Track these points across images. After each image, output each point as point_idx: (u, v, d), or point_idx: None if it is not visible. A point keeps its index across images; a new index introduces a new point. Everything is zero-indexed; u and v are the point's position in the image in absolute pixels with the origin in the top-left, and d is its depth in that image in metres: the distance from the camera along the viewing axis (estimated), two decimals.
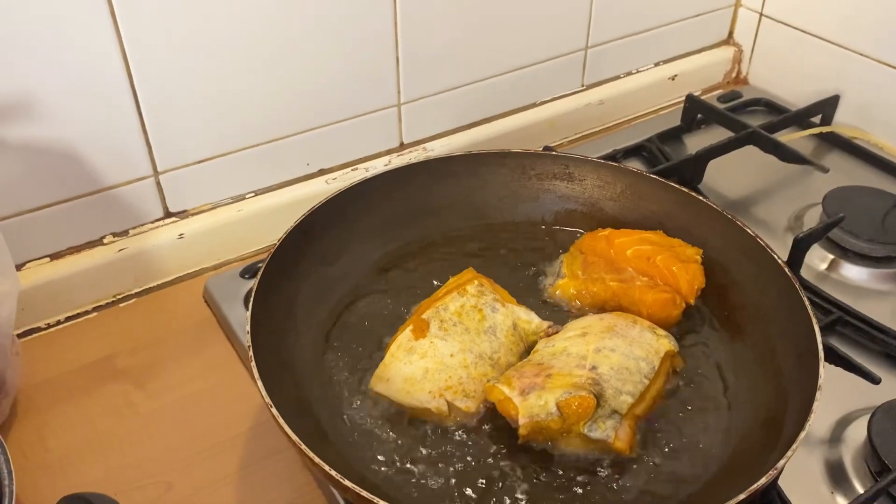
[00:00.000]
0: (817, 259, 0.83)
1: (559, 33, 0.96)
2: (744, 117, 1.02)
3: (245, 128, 0.80)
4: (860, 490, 0.61)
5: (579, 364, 0.58)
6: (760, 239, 0.67)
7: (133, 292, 0.80)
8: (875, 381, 0.65)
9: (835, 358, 0.68)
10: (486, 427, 0.59)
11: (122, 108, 0.72)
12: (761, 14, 1.09)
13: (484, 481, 0.56)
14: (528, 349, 0.63)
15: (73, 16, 0.66)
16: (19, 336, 0.74)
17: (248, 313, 0.58)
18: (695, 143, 1.02)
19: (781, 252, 0.79)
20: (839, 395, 0.66)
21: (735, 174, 0.95)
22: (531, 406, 0.56)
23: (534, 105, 0.99)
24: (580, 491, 0.56)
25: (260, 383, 0.53)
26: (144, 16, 0.68)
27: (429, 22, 0.84)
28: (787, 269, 0.64)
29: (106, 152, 0.73)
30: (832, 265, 0.83)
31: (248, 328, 0.57)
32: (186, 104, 0.75)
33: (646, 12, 1.02)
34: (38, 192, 0.72)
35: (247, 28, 0.74)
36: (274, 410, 0.51)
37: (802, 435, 0.51)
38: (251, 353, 0.55)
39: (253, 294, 0.60)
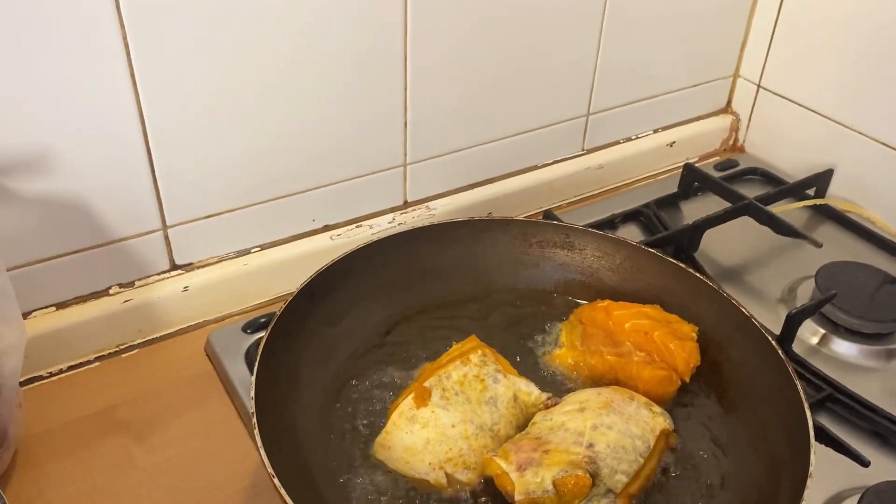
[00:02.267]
0: (809, 333, 0.85)
1: (562, 99, 0.98)
2: (739, 187, 1.04)
3: (254, 184, 0.81)
4: None
5: (576, 441, 0.59)
6: (755, 319, 0.69)
7: (136, 343, 0.81)
8: (864, 464, 0.67)
9: (825, 438, 0.69)
10: (484, 499, 0.60)
11: (135, 164, 0.73)
12: (759, 86, 1.12)
13: None
14: (528, 420, 0.64)
15: (91, 70, 0.67)
16: (21, 384, 0.74)
17: (253, 379, 0.59)
18: (691, 210, 1.04)
19: (774, 324, 0.81)
20: (829, 474, 0.67)
21: (730, 243, 0.97)
22: (528, 483, 0.57)
23: (535, 167, 1.02)
24: None
25: (263, 452, 0.53)
26: (162, 72, 0.70)
27: (437, 86, 0.87)
28: (780, 352, 0.65)
29: (117, 206, 0.75)
30: (823, 340, 0.84)
31: (252, 394, 0.58)
32: (198, 160, 0.77)
33: (647, 81, 1.05)
34: (48, 243, 0.73)
35: (261, 88, 0.76)
36: (276, 481, 0.52)
37: None
38: (255, 420, 0.56)
39: (258, 360, 0.61)
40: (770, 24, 1.08)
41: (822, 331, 0.85)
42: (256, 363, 0.60)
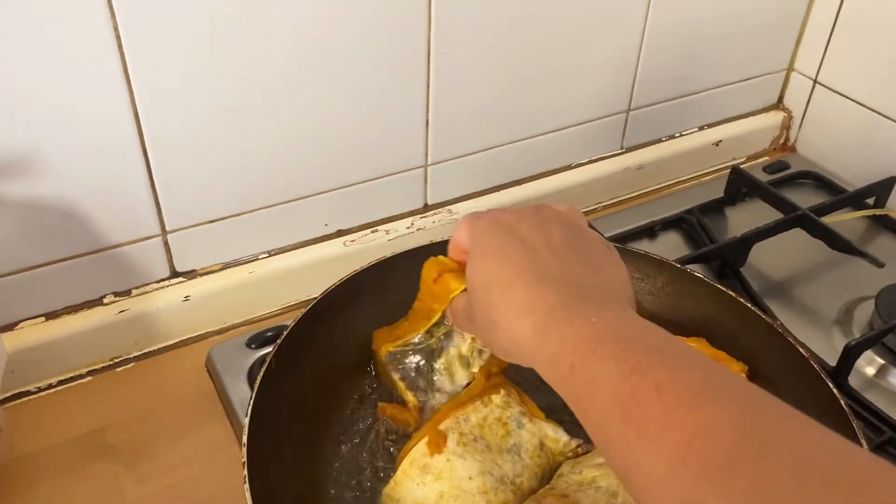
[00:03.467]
0: (865, 362, 0.77)
1: (600, 95, 0.90)
2: (790, 192, 0.96)
3: (261, 187, 0.75)
4: None
5: (609, 503, 0.52)
6: (812, 356, 0.61)
7: (132, 356, 0.75)
8: None
9: None
10: None
11: (130, 166, 0.67)
12: (815, 81, 1.03)
13: None
14: (554, 471, 0.57)
15: (82, 68, 0.61)
16: (6, 400, 0.69)
17: (246, 422, 0.53)
18: (738, 216, 0.96)
19: (827, 350, 0.74)
20: None
21: (780, 255, 0.89)
22: None
23: (568, 167, 0.94)
24: None
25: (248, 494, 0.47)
26: (157, 70, 0.64)
27: (463, 81, 0.79)
28: (841, 400, 0.58)
29: (112, 210, 0.69)
30: (881, 371, 0.76)
31: (244, 439, 0.52)
32: (200, 162, 0.70)
33: (693, 75, 0.96)
34: (37, 249, 0.67)
35: (265, 85, 0.69)
36: None
37: None
38: (245, 471, 0.50)
39: (253, 395, 0.54)
40: (832, 13, 0.98)
41: (881, 361, 0.77)
42: (250, 404, 0.54)
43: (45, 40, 0.58)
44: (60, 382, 0.72)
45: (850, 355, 0.71)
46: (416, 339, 0.60)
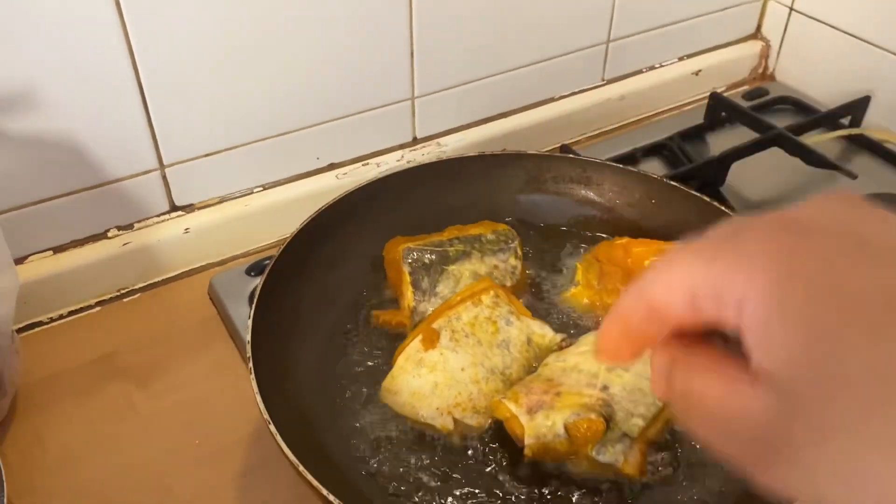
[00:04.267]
0: None
1: (580, 26, 0.92)
2: (769, 117, 0.98)
3: (254, 120, 0.77)
4: None
5: (590, 383, 0.56)
6: None
7: (137, 287, 0.78)
8: None
9: None
10: (493, 444, 0.57)
11: (126, 99, 0.70)
12: (791, 8, 1.05)
13: (490, 500, 0.54)
14: (540, 362, 0.61)
15: (78, 5, 0.63)
16: (20, 330, 0.73)
17: (249, 322, 0.56)
18: (718, 141, 0.98)
19: None
20: None
21: (759, 175, 0.92)
22: (538, 426, 0.54)
23: (551, 100, 0.96)
24: None
25: (259, 398, 0.51)
26: (151, 5, 0.66)
27: (445, 14, 0.81)
28: None
29: (110, 144, 0.71)
30: None
31: (248, 339, 0.55)
32: (194, 96, 0.73)
33: (671, 6, 0.98)
34: (40, 184, 0.70)
35: (256, 18, 0.72)
36: (272, 427, 0.49)
37: None
38: (251, 365, 0.53)
39: (255, 302, 0.58)
40: None
41: None
42: (253, 307, 0.58)
43: None
44: (71, 313, 0.75)
45: None
46: (438, 241, 0.64)
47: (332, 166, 0.85)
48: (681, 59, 1.04)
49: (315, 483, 0.46)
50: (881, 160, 0.96)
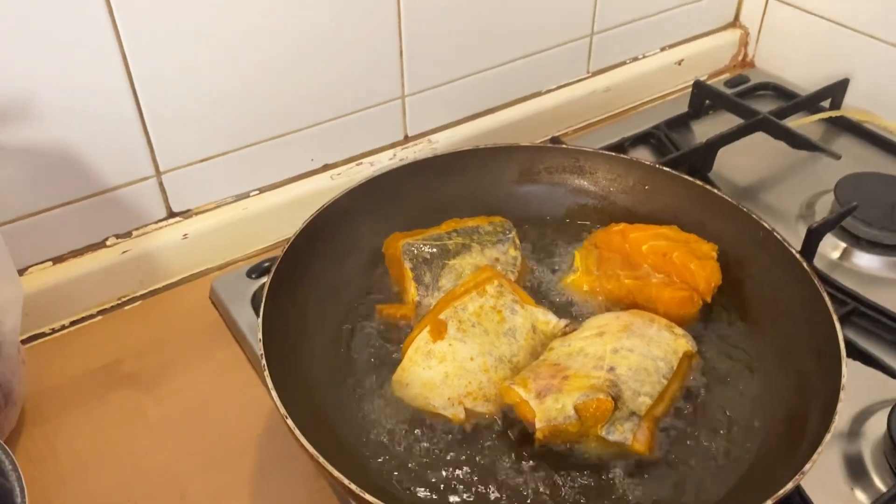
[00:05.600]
0: (829, 247, 0.82)
1: (564, 20, 0.94)
2: (752, 102, 1.00)
3: (248, 125, 0.78)
4: (880, 485, 0.60)
5: (597, 365, 0.57)
6: (777, 233, 0.66)
7: (138, 294, 0.78)
8: (895, 375, 0.65)
9: (854, 352, 0.67)
10: (504, 429, 0.58)
11: (122, 108, 0.70)
12: None
13: (503, 487, 0.55)
14: (545, 347, 0.62)
15: (72, 15, 0.64)
16: (24, 342, 0.73)
17: (260, 321, 0.57)
18: (703, 129, 1.00)
19: (794, 241, 0.78)
20: (858, 387, 0.65)
21: (745, 160, 0.94)
22: (548, 409, 0.55)
23: (539, 94, 0.98)
24: (599, 493, 0.55)
25: (274, 394, 0.52)
26: (144, 13, 0.67)
27: (432, 12, 0.83)
28: (805, 265, 0.63)
29: (107, 153, 0.72)
30: (845, 254, 0.82)
31: (259, 336, 0.56)
32: (188, 102, 0.73)
33: None
34: (38, 195, 0.70)
35: (246, 23, 0.72)
36: (290, 422, 0.50)
37: (828, 437, 0.50)
38: (264, 362, 0.54)
39: (263, 301, 0.59)
40: None
41: (843, 244, 0.82)
42: (262, 305, 0.58)
43: None
44: (73, 323, 0.75)
45: (813, 237, 0.76)
46: (436, 234, 0.64)
47: (326, 167, 0.86)
48: (663, 49, 1.06)
49: (336, 474, 0.47)
50: (862, 140, 0.98)
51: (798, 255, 0.64)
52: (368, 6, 0.78)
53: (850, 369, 0.57)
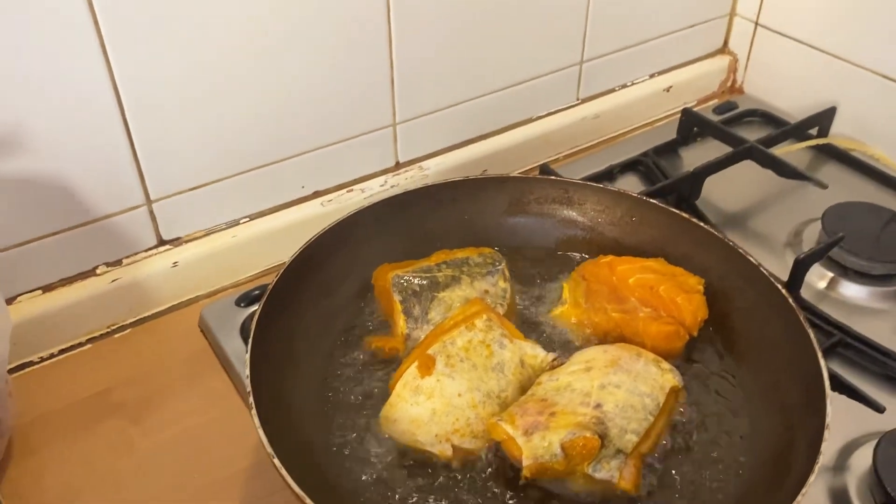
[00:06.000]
0: (816, 277, 0.83)
1: (554, 48, 0.95)
2: (740, 129, 1.02)
3: (238, 152, 0.78)
4: None
5: (583, 402, 0.57)
6: (762, 267, 0.67)
7: (128, 322, 0.78)
8: (880, 410, 0.65)
9: (838, 385, 0.67)
10: (492, 467, 0.59)
11: (113, 138, 0.70)
12: (757, 23, 1.08)
13: None
14: (533, 382, 0.62)
15: (62, 46, 0.64)
16: (12, 371, 0.73)
17: (247, 356, 0.57)
18: (691, 156, 1.01)
19: (781, 270, 0.79)
20: (843, 421, 0.66)
21: (732, 188, 0.95)
22: (535, 447, 0.55)
23: (529, 120, 0.98)
24: None
25: (261, 432, 0.52)
26: (134, 43, 0.67)
27: (422, 41, 0.83)
28: (790, 300, 0.63)
29: (97, 182, 0.72)
30: (831, 283, 0.82)
31: (247, 373, 0.56)
32: (178, 131, 0.74)
33: (641, 24, 1.01)
34: (27, 224, 0.70)
35: (237, 52, 0.73)
36: (276, 461, 0.50)
37: (812, 478, 0.51)
38: (251, 399, 0.54)
39: (251, 337, 0.59)
40: None
41: (830, 274, 0.83)
42: (250, 339, 0.58)
43: (19, 13, 0.61)
44: (62, 351, 0.75)
45: (799, 267, 0.77)
46: (426, 266, 0.65)
47: (316, 194, 0.86)
48: (652, 76, 1.07)
49: None
50: (849, 168, 0.99)
51: (784, 291, 0.64)
52: (360, 34, 0.79)
53: (836, 402, 0.57)
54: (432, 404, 0.58)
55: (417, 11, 0.81)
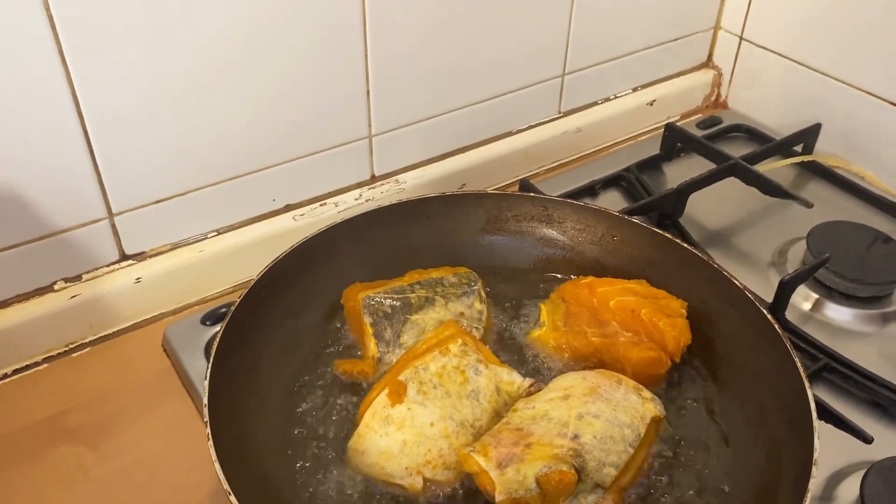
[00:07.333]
0: (801, 298, 0.81)
1: (535, 60, 0.92)
2: (724, 145, 1.00)
3: (206, 164, 0.75)
4: None
5: (560, 432, 0.54)
6: (748, 291, 0.65)
7: (87, 340, 0.75)
8: (867, 440, 0.63)
9: (825, 414, 0.65)
10: (464, 499, 0.56)
11: (71, 147, 0.67)
12: (741, 38, 1.07)
13: None
14: (509, 408, 0.60)
15: (19, 52, 0.61)
16: None
17: (206, 382, 0.54)
18: (674, 171, 0.99)
19: (765, 290, 0.77)
20: (830, 450, 0.64)
21: (717, 205, 0.93)
22: (509, 482, 0.52)
23: (509, 134, 0.96)
24: None
25: (218, 467, 0.49)
26: (94, 52, 0.64)
27: (400, 52, 0.80)
28: (776, 326, 0.61)
29: (56, 195, 0.69)
30: (817, 305, 0.80)
31: (205, 400, 0.53)
32: (143, 142, 0.70)
33: (624, 37, 0.99)
34: None
35: (205, 61, 0.70)
36: (233, 499, 0.47)
37: None
38: (209, 430, 0.51)
39: (210, 364, 0.56)
40: None
41: (816, 296, 0.81)
42: (209, 365, 0.55)
43: None
44: (16, 371, 0.72)
45: (784, 289, 0.75)
46: (398, 287, 0.62)
47: (288, 207, 0.83)
48: (635, 89, 1.05)
49: None
50: (833, 185, 0.97)
51: (770, 317, 0.62)
52: (334, 44, 0.76)
53: (823, 431, 0.55)
54: (403, 435, 0.55)
55: (394, 20, 0.78)
